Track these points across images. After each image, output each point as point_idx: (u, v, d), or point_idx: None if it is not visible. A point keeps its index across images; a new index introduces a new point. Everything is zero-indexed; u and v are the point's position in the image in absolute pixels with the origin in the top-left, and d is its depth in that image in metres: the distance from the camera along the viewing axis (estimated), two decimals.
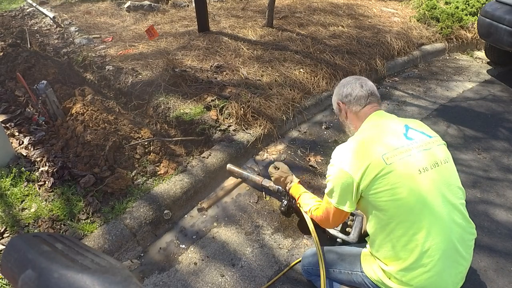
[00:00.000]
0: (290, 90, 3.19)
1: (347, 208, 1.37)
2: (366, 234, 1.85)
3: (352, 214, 1.96)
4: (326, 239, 1.98)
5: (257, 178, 2.30)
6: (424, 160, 1.27)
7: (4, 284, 1.66)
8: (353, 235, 1.84)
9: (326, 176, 1.43)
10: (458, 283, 1.28)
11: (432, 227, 1.21)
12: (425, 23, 4.92)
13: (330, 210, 1.45)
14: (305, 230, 2.09)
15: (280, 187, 2.14)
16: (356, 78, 1.56)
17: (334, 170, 1.37)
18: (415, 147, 1.30)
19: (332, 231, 1.90)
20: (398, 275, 1.26)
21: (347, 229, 1.91)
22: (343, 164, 1.33)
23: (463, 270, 1.27)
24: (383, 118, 1.44)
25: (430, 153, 1.30)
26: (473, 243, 1.32)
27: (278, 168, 2.09)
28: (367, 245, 1.46)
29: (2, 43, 3.86)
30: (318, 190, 2.34)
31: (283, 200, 2.13)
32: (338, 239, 1.87)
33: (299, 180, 2.03)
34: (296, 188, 1.97)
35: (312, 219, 1.77)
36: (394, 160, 1.25)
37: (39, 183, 2.18)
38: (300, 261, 1.84)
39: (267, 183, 2.24)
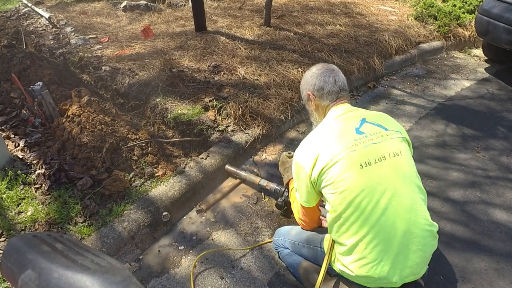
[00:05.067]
0: (288, 89, 3.17)
1: (309, 202, 1.47)
2: None
3: None
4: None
5: (255, 178, 2.29)
6: (369, 155, 1.29)
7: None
8: None
9: None
10: (407, 276, 1.30)
11: (369, 219, 1.25)
12: (423, 21, 4.92)
13: (301, 208, 1.55)
14: None
15: (277, 187, 2.14)
16: (329, 71, 1.54)
17: (293, 163, 1.47)
18: (363, 141, 1.31)
19: None
20: (340, 259, 1.34)
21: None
22: (298, 156, 1.43)
23: (413, 265, 1.28)
24: (345, 113, 1.46)
25: (379, 146, 1.31)
26: (432, 240, 1.32)
27: (292, 157, 2.09)
28: None
29: None
30: None
31: (279, 199, 2.13)
32: None
33: None
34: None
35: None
36: (338, 155, 1.29)
37: (35, 186, 2.16)
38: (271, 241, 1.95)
39: (264, 183, 2.24)
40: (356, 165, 1.27)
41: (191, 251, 1.97)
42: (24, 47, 4.14)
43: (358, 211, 1.26)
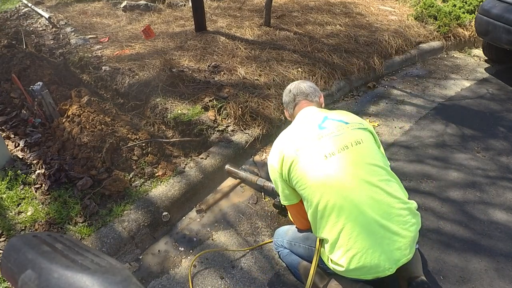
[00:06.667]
0: None
1: (290, 200, 1.53)
2: None
3: None
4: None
5: (253, 178, 2.30)
6: (332, 146, 1.36)
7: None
8: None
9: None
10: (398, 259, 1.30)
11: (344, 207, 1.27)
12: (423, 21, 4.92)
13: (287, 208, 1.66)
14: None
15: (275, 187, 2.15)
16: (293, 85, 1.77)
17: (268, 166, 1.58)
18: (325, 135, 1.40)
19: None
20: (330, 256, 1.36)
21: None
22: (269, 158, 1.57)
23: (401, 246, 1.29)
24: (308, 114, 1.59)
25: (341, 137, 1.38)
26: (412, 218, 1.34)
27: None
28: None
29: None
30: None
31: (277, 198, 2.13)
32: None
33: None
34: None
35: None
36: (303, 150, 1.38)
37: (35, 186, 2.16)
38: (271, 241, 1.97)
39: (262, 182, 2.24)
40: (321, 157, 1.33)
41: (191, 251, 1.97)
42: (24, 47, 4.14)
43: (331, 201, 1.28)
